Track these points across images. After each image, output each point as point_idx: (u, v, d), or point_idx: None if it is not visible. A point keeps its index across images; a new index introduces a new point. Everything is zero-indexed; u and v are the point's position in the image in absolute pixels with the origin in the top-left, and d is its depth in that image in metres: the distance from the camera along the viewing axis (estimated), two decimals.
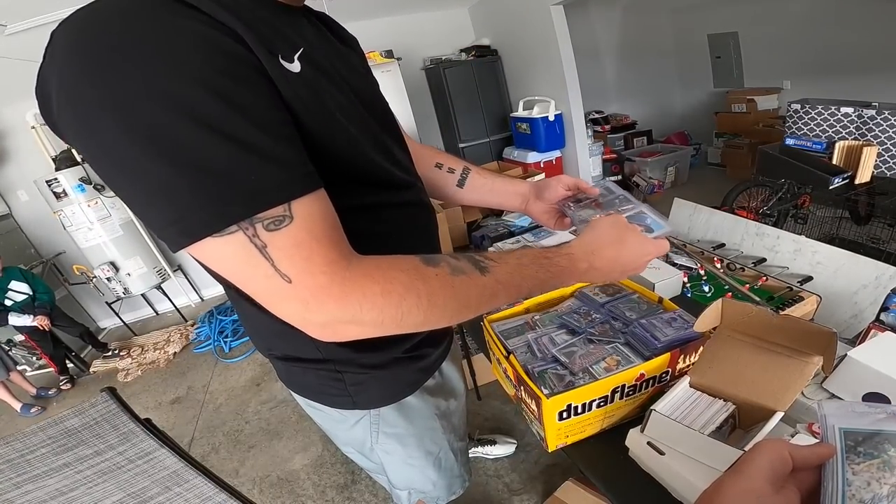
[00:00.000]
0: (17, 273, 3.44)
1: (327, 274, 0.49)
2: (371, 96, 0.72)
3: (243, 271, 0.49)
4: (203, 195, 0.45)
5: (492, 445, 2.08)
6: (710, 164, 5.53)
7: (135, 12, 0.45)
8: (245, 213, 0.46)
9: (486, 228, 2.02)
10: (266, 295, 0.51)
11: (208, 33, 0.46)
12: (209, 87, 0.44)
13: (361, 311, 0.51)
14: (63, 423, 0.84)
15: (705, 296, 1.41)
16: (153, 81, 0.43)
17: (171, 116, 0.43)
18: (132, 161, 0.45)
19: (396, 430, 0.93)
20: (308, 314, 0.50)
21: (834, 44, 4.07)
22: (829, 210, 2.84)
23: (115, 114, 0.43)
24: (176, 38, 0.44)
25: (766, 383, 0.75)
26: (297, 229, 0.48)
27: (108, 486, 0.91)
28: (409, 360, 0.85)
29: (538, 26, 3.76)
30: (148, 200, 0.47)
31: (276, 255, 0.47)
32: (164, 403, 3.23)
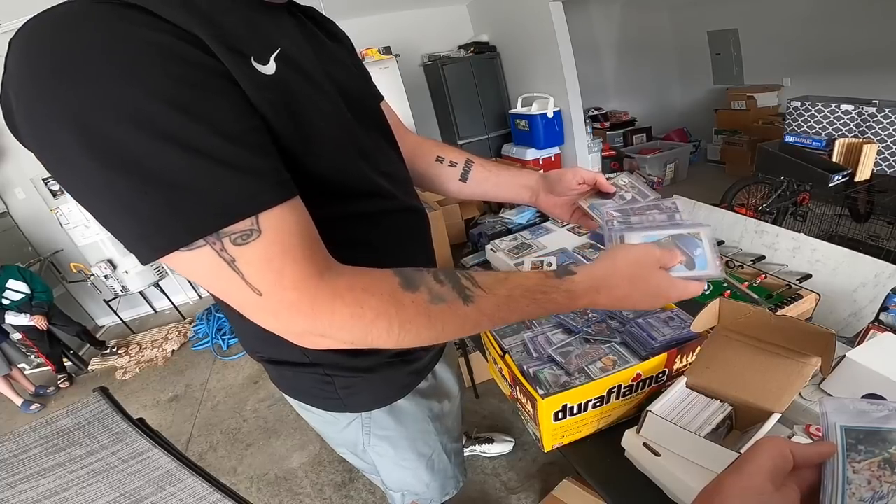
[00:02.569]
0: (14, 272, 3.43)
1: (298, 290, 0.48)
2: (359, 95, 0.70)
3: (216, 283, 0.48)
4: (167, 210, 0.43)
5: (489, 444, 2.07)
6: (710, 161, 5.51)
7: (85, 21, 0.42)
8: (210, 227, 0.44)
9: (483, 226, 2.01)
10: (241, 305, 0.50)
11: (164, 40, 0.43)
12: (166, 98, 0.42)
13: (331, 329, 0.50)
14: (55, 423, 0.83)
15: (704, 293, 1.40)
16: (106, 94, 0.41)
17: (128, 130, 0.41)
18: (94, 176, 0.43)
19: (388, 432, 0.92)
20: (280, 326, 0.50)
21: (834, 41, 4.06)
22: (828, 207, 2.83)
23: (72, 128, 0.41)
24: (129, 48, 0.42)
25: (764, 384, 0.74)
26: (267, 243, 0.47)
27: (101, 486, 0.90)
28: (400, 363, 0.84)
29: (537, 23, 3.75)
30: (113, 214, 0.45)
31: (245, 270, 0.46)
32: (162, 401, 3.23)
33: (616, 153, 4.98)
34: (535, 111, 4.04)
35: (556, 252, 1.59)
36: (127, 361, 3.86)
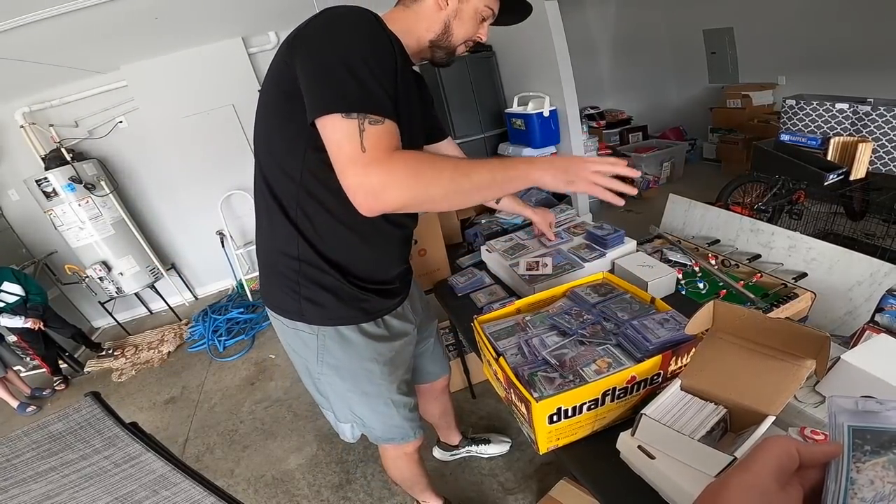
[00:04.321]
0: (9, 274, 3.41)
1: (387, 152, 0.83)
2: (420, 116, 1.19)
3: (344, 139, 0.82)
4: (352, 94, 0.82)
5: (486, 444, 2.08)
6: (706, 160, 5.52)
7: (367, 15, 0.92)
8: (366, 109, 0.82)
9: (479, 226, 2.01)
10: (347, 157, 0.82)
11: (387, 37, 0.92)
12: (377, 57, 0.87)
13: (396, 176, 0.83)
14: (47, 427, 0.83)
15: (700, 293, 1.40)
16: (356, 41, 0.87)
17: (356, 57, 0.84)
18: (330, 64, 0.84)
19: (335, 360, 1.17)
20: (360, 175, 0.82)
21: (829, 39, 4.06)
22: (823, 206, 2.84)
23: (334, 42, 0.86)
24: (377, 33, 0.91)
25: (759, 387, 0.74)
26: (383, 130, 0.84)
27: (94, 491, 0.89)
28: (354, 298, 1.11)
29: (533, 22, 3.69)
30: (324, 84, 0.85)
31: (366, 136, 0.82)
32: (158, 403, 3.22)
33: (612, 152, 4.98)
34: (531, 110, 4.02)
35: (551, 252, 1.59)
36: (123, 363, 3.85)
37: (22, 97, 3.78)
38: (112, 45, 3.28)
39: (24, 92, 3.75)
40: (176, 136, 4.19)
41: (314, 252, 1.05)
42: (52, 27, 2.43)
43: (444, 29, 1.05)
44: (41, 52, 2.91)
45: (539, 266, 1.49)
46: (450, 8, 1.03)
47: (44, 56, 3.00)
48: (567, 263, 1.49)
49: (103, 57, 3.46)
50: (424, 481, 1.66)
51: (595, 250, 1.54)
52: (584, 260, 1.49)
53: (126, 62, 3.83)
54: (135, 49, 3.55)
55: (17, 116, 3.75)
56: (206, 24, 3.49)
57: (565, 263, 1.50)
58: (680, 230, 1.98)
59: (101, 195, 3.91)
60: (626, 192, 0.96)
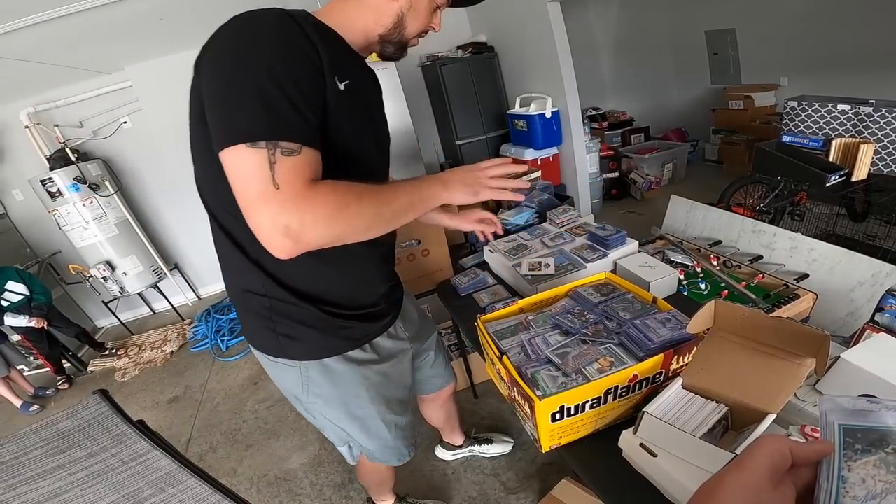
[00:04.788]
0: (13, 273, 3.42)
1: (306, 186, 0.74)
2: (380, 121, 1.10)
3: (251, 174, 0.72)
4: (258, 119, 0.72)
5: (489, 444, 2.08)
6: (708, 161, 5.52)
7: (273, 19, 0.78)
8: (273, 137, 0.72)
9: None
10: (255, 195, 0.73)
11: (302, 43, 0.79)
12: (288, 67, 0.75)
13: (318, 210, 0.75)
14: (56, 425, 0.84)
15: (702, 293, 1.41)
16: (261, 52, 0.75)
17: (261, 75, 0.73)
18: (232, 86, 0.74)
19: (322, 390, 1.12)
20: (273, 215, 0.72)
21: (831, 41, 4.06)
22: (825, 207, 2.84)
23: (237, 58, 0.75)
24: (287, 39, 0.78)
25: (759, 385, 0.75)
26: (300, 161, 0.74)
27: (101, 488, 0.90)
28: (336, 328, 1.05)
29: (535, 23, 3.74)
30: (225, 110, 0.74)
31: (278, 170, 0.72)
32: (161, 403, 3.23)
33: (614, 153, 4.97)
34: (533, 111, 4.03)
35: (554, 252, 1.60)
36: (126, 363, 3.86)
37: (27, 97, 3.80)
38: (117, 46, 3.29)
39: (30, 92, 3.77)
40: (180, 137, 4.12)
41: (281, 287, 0.98)
42: (58, 28, 2.45)
43: (396, 22, 0.94)
44: (47, 53, 2.93)
45: (541, 266, 1.50)
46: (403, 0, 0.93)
47: (49, 56, 3.02)
48: (569, 264, 1.50)
49: (108, 58, 3.47)
50: (390, 484, 1.71)
51: (597, 251, 1.55)
52: (587, 260, 1.50)
53: (131, 63, 3.86)
54: (139, 50, 3.57)
55: (22, 116, 3.77)
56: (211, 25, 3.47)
57: (567, 264, 1.50)
58: (682, 231, 1.99)
59: (105, 195, 3.93)
60: (522, 188, 1.06)
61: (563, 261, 1.52)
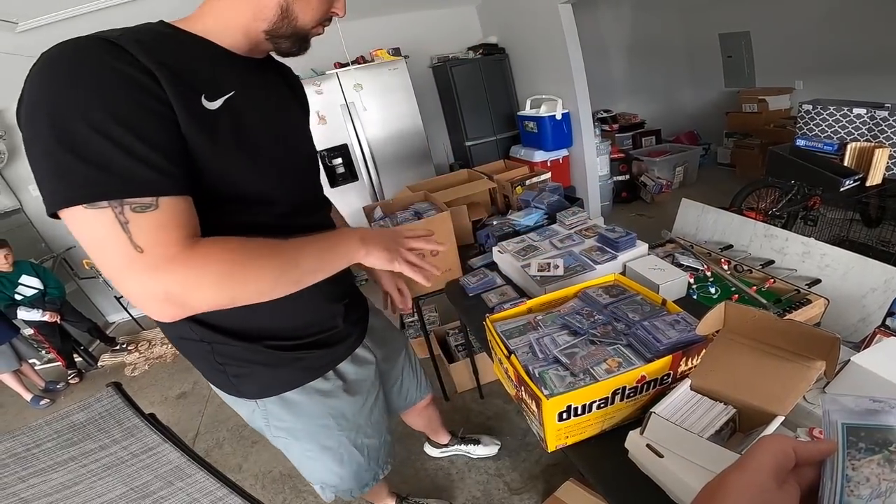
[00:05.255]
0: (28, 267, 3.48)
1: (181, 246, 0.64)
2: (287, 129, 0.93)
3: (102, 239, 0.61)
4: (85, 178, 0.60)
5: (476, 445, 2.11)
6: (720, 165, 5.48)
7: (79, 49, 0.63)
8: (115, 195, 0.60)
9: (491, 227, 2.02)
10: (116, 263, 0.62)
11: (126, 71, 0.63)
12: (109, 108, 0.61)
13: (202, 272, 0.65)
14: (69, 417, 0.84)
15: (711, 297, 1.39)
16: (74, 98, 0.60)
17: (78, 123, 0.60)
18: (47, 144, 0.60)
19: (286, 424, 1.05)
20: (145, 282, 0.63)
21: (847, 44, 4.02)
22: (839, 212, 2.81)
23: (46, 112, 0.60)
24: (100, 72, 0.62)
25: (768, 387, 0.74)
26: (162, 216, 0.63)
27: (111, 481, 0.91)
28: (289, 360, 0.97)
29: (546, 25, 3.74)
30: (49, 174, 0.61)
31: (134, 231, 0.61)
32: (170, 398, 3.26)
33: (625, 155, 4.95)
34: (543, 113, 4.03)
35: (563, 254, 1.59)
36: (136, 358, 3.91)
37: None
38: None
39: None
40: None
41: (216, 331, 0.89)
42: (76, 26, 2.49)
43: (280, 14, 0.79)
44: None
45: (550, 267, 1.50)
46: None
47: None
48: (578, 265, 1.50)
49: None
50: (385, 490, 1.72)
51: (606, 253, 1.54)
52: (596, 262, 1.50)
53: None
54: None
55: None
56: None
57: (576, 265, 1.50)
58: (692, 235, 1.97)
59: None
60: (434, 273, 1.00)
61: (572, 262, 1.52)
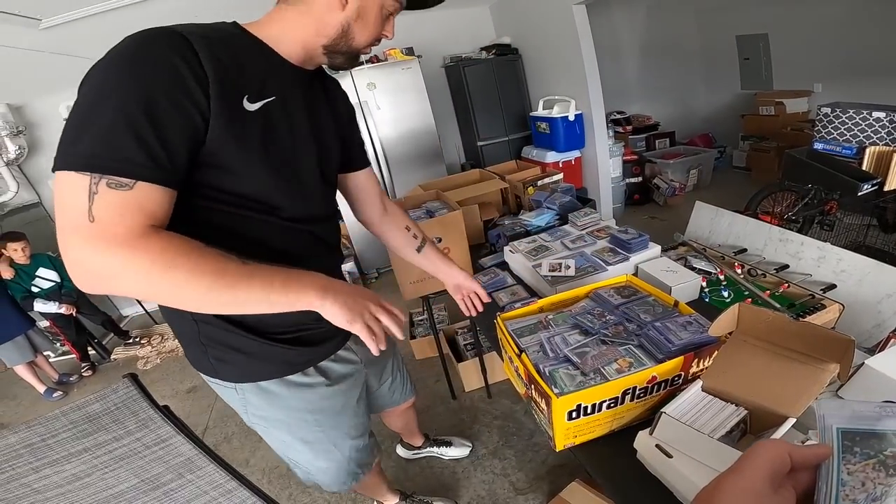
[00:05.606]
0: (45, 260, 3.54)
1: (127, 231, 0.67)
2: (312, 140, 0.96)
3: (67, 201, 0.66)
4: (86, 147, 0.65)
5: (447, 447, 2.13)
6: (735, 168, 5.42)
7: (153, 42, 0.70)
8: (99, 169, 0.65)
9: (502, 227, 2.01)
10: (66, 224, 0.66)
11: (181, 69, 0.70)
12: (146, 99, 0.67)
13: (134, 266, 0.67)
14: (85, 408, 0.84)
15: (724, 301, 1.38)
16: (122, 82, 0.67)
17: (110, 98, 0.66)
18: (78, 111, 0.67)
19: (262, 412, 1.07)
20: (77, 249, 0.66)
21: (867, 46, 3.96)
22: (856, 217, 2.76)
23: (93, 86, 0.68)
24: (157, 65, 0.69)
25: (780, 389, 0.73)
26: (128, 198, 0.67)
27: (122, 472, 0.91)
28: (268, 353, 0.99)
29: (560, 26, 3.73)
30: (64, 134, 0.67)
31: (97, 202, 0.65)
32: (180, 392, 3.30)
33: (638, 157, 4.92)
34: (556, 114, 4.02)
35: (574, 254, 1.59)
36: (149, 351, 3.96)
37: (68, 90, 3.92)
38: None
39: (71, 86, 3.82)
40: None
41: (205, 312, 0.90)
42: (97, 23, 2.53)
43: (341, 33, 0.87)
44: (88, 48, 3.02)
45: (562, 268, 1.50)
46: (350, 9, 0.85)
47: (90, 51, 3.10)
48: (590, 266, 1.49)
49: None
50: (383, 486, 1.72)
51: (619, 254, 1.53)
52: (608, 263, 1.49)
53: None
54: None
55: (62, 109, 3.91)
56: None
57: (588, 266, 1.49)
58: (705, 238, 1.95)
59: None
60: (396, 336, 0.91)
61: (583, 263, 1.52)
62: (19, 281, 3.37)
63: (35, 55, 2.84)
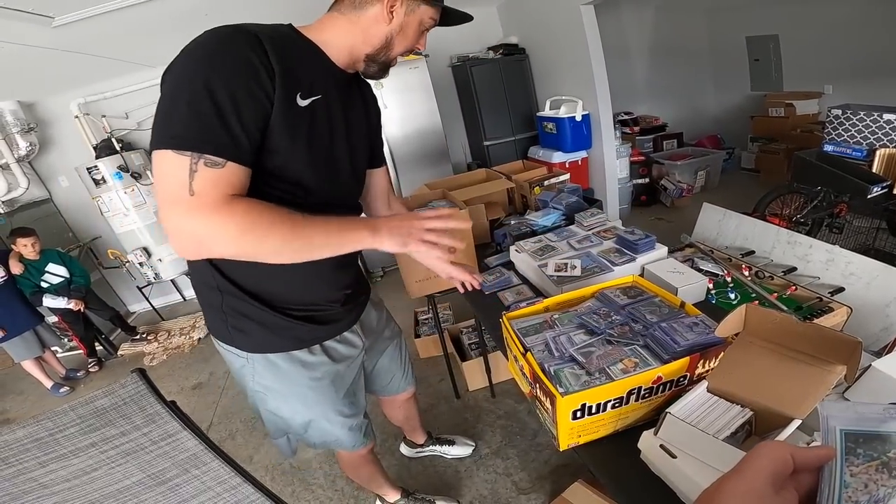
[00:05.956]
0: (55, 256, 3.58)
1: (220, 201, 0.79)
2: (348, 140, 1.08)
3: (169, 177, 0.77)
4: (188, 130, 0.77)
5: (450, 445, 2.14)
6: (744, 170, 5.38)
7: (231, 38, 0.83)
8: (199, 149, 0.77)
9: (508, 227, 2.01)
10: (172, 196, 0.78)
11: (255, 63, 0.82)
12: (229, 87, 0.79)
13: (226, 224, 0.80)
14: (93, 402, 0.84)
15: (730, 303, 1.37)
16: (209, 71, 0.79)
17: (198, 88, 0.78)
18: (173, 96, 0.80)
19: (266, 382, 1.17)
20: (182, 219, 0.79)
21: (879, 49, 3.92)
22: (866, 220, 2.74)
23: (183, 70, 0.81)
24: (237, 58, 0.81)
25: (786, 390, 0.73)
26: (221, 175, 0.79)
27: (129, 467, 0.92)
28: (281, 327, 1.09)
29: (567, 26, 3.72)
30: (162, 116, 0.79)
31: (196, 178, 0.77)
32: (186, 388, 3.32)
33: (645, 158, 4.90)
34: (563, 114, 4.01)
35: (581, 254, 1.58)
36: (155, 348, 3.99)
37: (78, 88, 3.98)
38: (163, 41, 3.39)
39: (82, 84, 3.94)
40: None
41: (231, 283, 1.04)
42: (111, 21, 2.55)
43: (384, 43, 0.98)
44: (98, 46, 3.06)
45: (568, 268, 1.49)
46: (394, 23, 0.96)
47: (100, 49, 3.15)
48: (596, 266, 1.49)
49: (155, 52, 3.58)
50: (381, 477, 1.72)
51: (625, 255, 1.53)
52: (614, 264, 1.49)
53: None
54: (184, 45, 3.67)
55: (73, 107, 3.95)
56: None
57: (594, 266, 1.49)
58: (713, 240, 1.94)
59: (146, 184, 4.07)
60: (456, 247, 1.00)
61: (589, 263, 1.51)
62: (28, 276, 3.41)
63: (47, 53, 2.86)
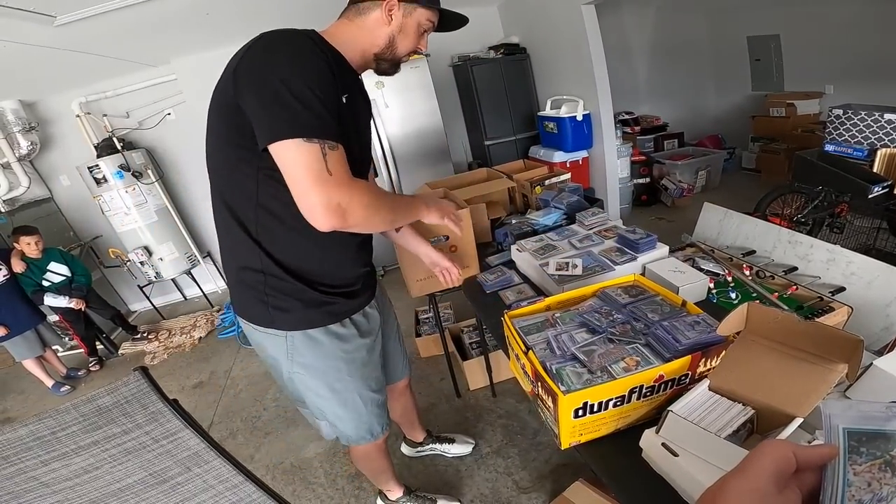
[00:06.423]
0: (56, 255, 3.58)
1: (349, 176, 0.97)
2: (365, 132, 1.26)
3: (308, 163, 0.91)
4: (308, 120, 0.91)
5: (450, 443, 2.14)
6: (745, 170, 5.38)
7: (299, 38, 0.97)
8: (322, 136, 0.92)
9: (509, 226, 2.01)
10: (312, 179, 0.91)
11: (323, 59, 0.96)
12: (321, 82, 0.93)
13: (352, 201, 0.97)
14: (96, 401, 0.84)
15: (731, 302, 1.38)
16: (300, 67, 0.92)
17: (302, 84, 0.91)
18: (277, 91, 0.90)
19: (305, 359, 1.24)
20: (329, 194, 0.93)
21: (880, 49, 3.92)
22: (866, 220, 2.74)
23: (277, 69, 0.91)
24: (312, 54, 0.95)
25: (788, 389, 0.73)
26: (340, 155, 0.95)
27: (131, 466, 0.91)
28: (320, 302, 1.19)
29: (568, 25, 3.71)
30: (275, 111, 0.90)
31: (329, 160, 0.92)
32: (187, 387, 3.32)
33: (646, 158, 4.89)
34: (563, 114, 4.00)
35: (582, 254, 1.59)
36: (156, 347, 3.99)
37: (79, 87, 3.98)
38: (165, 40, 3.40)
39: (83, 83, 3.94)
40: None
41: (276, 264, 1.13)
42: (112, 20, 2.55)
43: (388, 43, 1.13)
44: (100, 45, 3.06)
45: (569, 267, 1.49)
46: (394, 23, 1.10)
47: (102, 48, 3.15)
48: (597, 265, 1.49)
49: (156, 51, 3.59)
50: (390, 471, 1.73)
51: (626, 254, 1.53)
52: (615, 263, 1.49)
53: (176, 56, 3.97)
54: (185, 44, 3.68)
55: (74, 106, 3.95)
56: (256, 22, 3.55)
57: (595, 265, 1.49)
58: (713, 240, 1.94)
59: (147, 183, 4.07)
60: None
61: (590, 262, 1.51)
62: (30, 275, 3.41)
63: (48, 52, 2.86)
